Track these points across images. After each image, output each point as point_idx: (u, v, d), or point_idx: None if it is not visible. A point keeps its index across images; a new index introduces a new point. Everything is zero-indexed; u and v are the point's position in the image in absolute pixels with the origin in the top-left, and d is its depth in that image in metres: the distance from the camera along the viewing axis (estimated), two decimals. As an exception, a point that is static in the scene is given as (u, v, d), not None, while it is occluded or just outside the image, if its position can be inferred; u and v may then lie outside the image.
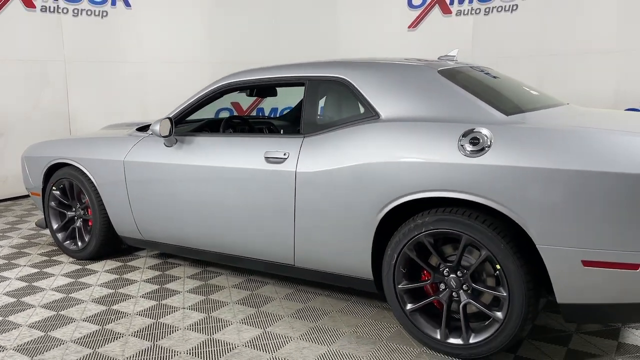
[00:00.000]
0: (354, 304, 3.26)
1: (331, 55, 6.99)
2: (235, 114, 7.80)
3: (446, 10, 7.26)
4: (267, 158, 3.07)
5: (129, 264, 4.07)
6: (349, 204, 2.79)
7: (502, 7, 6.84)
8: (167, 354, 2.68)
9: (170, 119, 3.41)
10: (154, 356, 2.66)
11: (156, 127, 3.38)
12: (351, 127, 2.86)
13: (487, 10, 6.95)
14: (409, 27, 7.52)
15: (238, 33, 7.91)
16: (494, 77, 3.29)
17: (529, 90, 3.26)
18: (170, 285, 3.61)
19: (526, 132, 2.41)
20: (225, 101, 7.67)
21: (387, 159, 2.65)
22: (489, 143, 2.42)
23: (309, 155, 2.94)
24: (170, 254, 4.22)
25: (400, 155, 2.62)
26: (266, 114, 7.95)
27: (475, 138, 2.46)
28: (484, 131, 2.45)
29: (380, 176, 2.66)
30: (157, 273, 3.85)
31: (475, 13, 7.04)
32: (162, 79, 7.44)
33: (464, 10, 7.12)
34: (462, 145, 2.47)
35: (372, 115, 2.85)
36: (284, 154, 3.01)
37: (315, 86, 3.11)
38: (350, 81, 2.97)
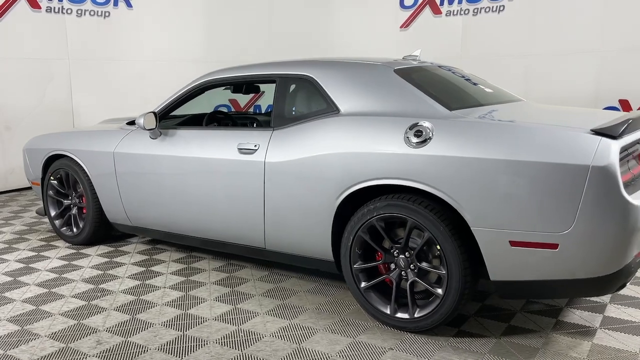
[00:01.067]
0: (321, 285, 3.53)
1: (326, 54, 7.26)
2: (233, 110, 8.10)
3: (436, 11, 7.48)
4: (239, 149, 3.34)
5: (120, 248, 4.36)
6: (311, 191, 3.05)
7: (489, 7, 7.06)
8: (144, 325, 2.96)
9: (154, 113, 3.70)
10: (131, 327, 2.95)
11: (141, 121, 3.67)
12: (314, 121, 3.12)
13: (475, 10, 7.16)
14: (401, 26, 7.76)
15: (236, 33, 8.21)
16: (455, 74, 3.53)
17: (484, 87, 3.49)
18: (156, 268, 3.89)
19: (463, 125, 2.66)
20: (224, 98, 7.97)
21: (342, 150, 2.91)
22: (430, 135, 2.67)
23: (277, 146, 3.20)
24: (159, 240, 4.51)
25: (354, 147, 2.88)
26: (262, 110, 8.23)
27: (419, 131, 2.71)
28: (426, 124, 2.70)
29: (336, 166, 2.93)
30: (145, 257, 4.14)
31: (464, 13, 7.25)
32: (162, 77, 7.75)
33: (454, 11, 7.34)
34: (407, 138, 2.73)
35: (333, 110, 3.11)
36: (255, 146, 3.28)
37: (284, 83, 3.38)
38: (315, 79, 3.23)
